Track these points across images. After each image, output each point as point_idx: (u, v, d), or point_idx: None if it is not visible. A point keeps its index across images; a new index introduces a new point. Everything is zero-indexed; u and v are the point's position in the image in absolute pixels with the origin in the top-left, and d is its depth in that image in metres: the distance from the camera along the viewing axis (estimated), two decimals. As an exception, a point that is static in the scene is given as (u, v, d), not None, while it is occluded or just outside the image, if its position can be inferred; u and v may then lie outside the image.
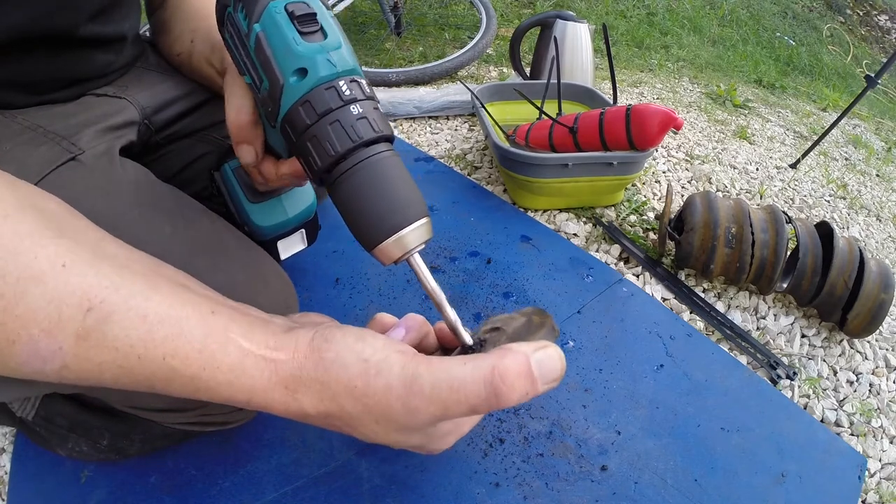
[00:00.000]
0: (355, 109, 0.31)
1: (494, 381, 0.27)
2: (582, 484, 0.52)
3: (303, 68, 0.31)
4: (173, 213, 0.45)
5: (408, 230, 0.31)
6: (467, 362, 0.28)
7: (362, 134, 0.31)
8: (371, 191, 0.31)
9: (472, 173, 1.02)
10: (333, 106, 0.31)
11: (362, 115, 0.31)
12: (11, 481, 0.52)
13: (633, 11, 2.40)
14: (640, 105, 0.78)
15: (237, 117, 0.39)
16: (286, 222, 0.53)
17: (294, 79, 0.31)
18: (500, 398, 0.27)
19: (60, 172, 0.41)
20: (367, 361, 0.28)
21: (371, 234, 0.31)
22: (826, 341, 0.73)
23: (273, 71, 0.32)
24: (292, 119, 0.32)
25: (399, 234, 0.31)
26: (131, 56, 0.55)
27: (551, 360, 0.29)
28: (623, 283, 0.76)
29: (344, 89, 0.31)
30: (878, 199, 1.20)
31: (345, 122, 0.31)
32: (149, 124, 0.54)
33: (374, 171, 0.31)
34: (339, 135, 0.30)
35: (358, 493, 0.50)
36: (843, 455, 0.58)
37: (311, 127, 0.31)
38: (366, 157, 0.31)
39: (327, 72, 0.31)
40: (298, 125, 0.31)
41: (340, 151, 0.30)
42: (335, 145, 0.30)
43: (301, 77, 0.31)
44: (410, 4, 1.95)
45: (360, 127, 0.31)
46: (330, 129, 0.30)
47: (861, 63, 2.70)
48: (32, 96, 0.46)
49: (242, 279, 0.44)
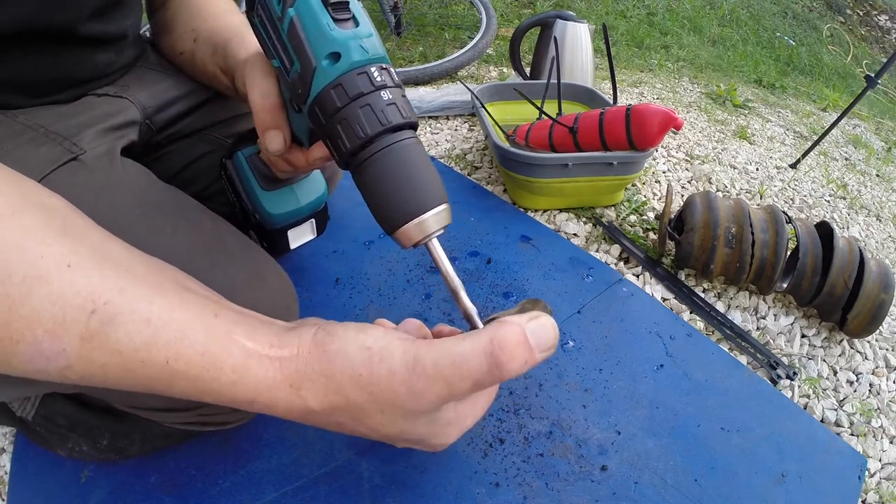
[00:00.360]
0: (385, 95, 0.32)
1: (494, 351, 0.28)
2: (582, 484, 0.52)
3: (336, 52, 0.32)
4: (174, 213, 0.45)
5: (429, 214, 0.31)
6: (465, 338, 0.29)
7: (391, 119, 0.31)
8: (396, 175, 0.31)
9: (472, 173, 1.02)
10: (365, 90, 0.31)
11: (392, 101, 0.32)
12: (11, 481, 0.52)
13: (633, 11, 2.40)
14: (640, 105, 0.78)
15: (264, 101, 0.38)
16: (298, 211, 0.53)
17: (327, 62, 0.32)
18: (502, 368, 0.28)
19: (61, 172, 0.41)
20: (370, 349, 0.29)
21: (394, 217, 0.32)
22: (826, 341, 0.73)
23: (306, 54, 0.32)
24: (323, 101, 0.32)
25: (420, 218, 0.31)
26: (132, 56, 0.55)
27: (545, 329, 0.30)
28: (623, 283, 0.76)
29: (375, 75, 0.32)
30: (878, 199, 1.20)
31: (375, 107, 0.31)
32: (150, 124, 0.54)
33: (400, 155, 0.31)
34: (368, 118, 0.31)
35: (358, 493, 0.50)
36: (843, 455, 0.58)
37: (341, 109, 0.32)
38: (393, 143, 0.32)
39: (360, 57, 0.32)
40: (329, 107, 0.32)
41: (370, 134, 0.31)
42: (365, 128, 0.31)
43: (334, 61, 0.32)
44: (410, 4, 1.95)
45: (389, 112, 0.32)
46: (360, 113, 0.31)
47: (861, 63, 2.70)
48: (33, 98, 0.46)
49: (243, 279, 0.44)
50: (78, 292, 0.26)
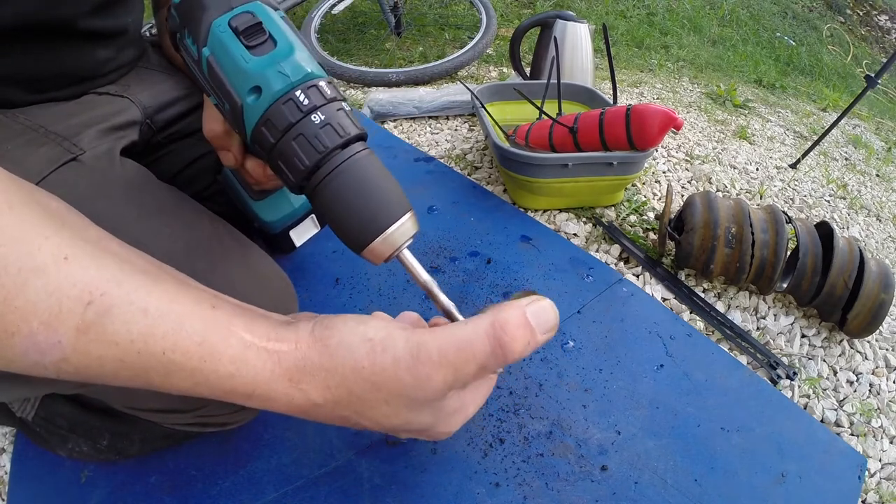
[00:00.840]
0: (316, 118, 0.30)
1: (497, 333, 0.28)
2: (582, 484, 0.52)
3: (257, 86, 0.30)
4: (173, 214, 0.45)
5: (393, 228, 0.31)
6: (468, 323, 0.29)
7: (327, 143, 0.30)
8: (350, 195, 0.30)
9: (472, 173, 1.02)
10: (293, 120, 0.30)
11: (325, 123, 0.30)
12: (11, 481, 0.52)
13: (633, 11, 2.40)
14: (640, 105, 0.78)
15: (210, 127, 0.39)
16: (293, 213, 0.53)
17: (251, 98, 0.31)
18: (506, 349, 0.28)
19: (61, 173, 0.41)
20: (372, 340, 0.28)
21: (357, 238, 0.31)
22: (826, 341, 0.73)
23: (230, 94, 0.31)
24: (258, 139, 0.31)
25: (385, 234, 0.31)
26: (133, 55, 0.55)
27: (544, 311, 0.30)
28: (623, 283, 0.76)
29: (301, 99, 0.30)
30: (878, 199, 1.20)
31: (308, 135, 0.30)
32: (150, 124, 0.54)
33: (350, 175, 0.30)
34: (304, 148, 0.30)
35: (358, 493, 0.50)
36: (843, 455, 0.58)
37: (276, 145, 0.31)
38: (339, 164, 0.30)
39: (281, 85, 0.30)
40: (265, 144, 0.31)
41: (309, 165, 0.30)
42: (303, 159, 0.30)
43: (257, 96, 0.31)
44: (410, 4, 1.95)
45: (323, 136, 0.30)
46: (295, 145, 0.30)
47: (861, 63, 2.70)
48: (35, 94, 0.46)
49: (242, 279, 0.44)
50: (74, 284, 0.25)
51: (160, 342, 0.26)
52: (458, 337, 0.28)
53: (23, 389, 0.43)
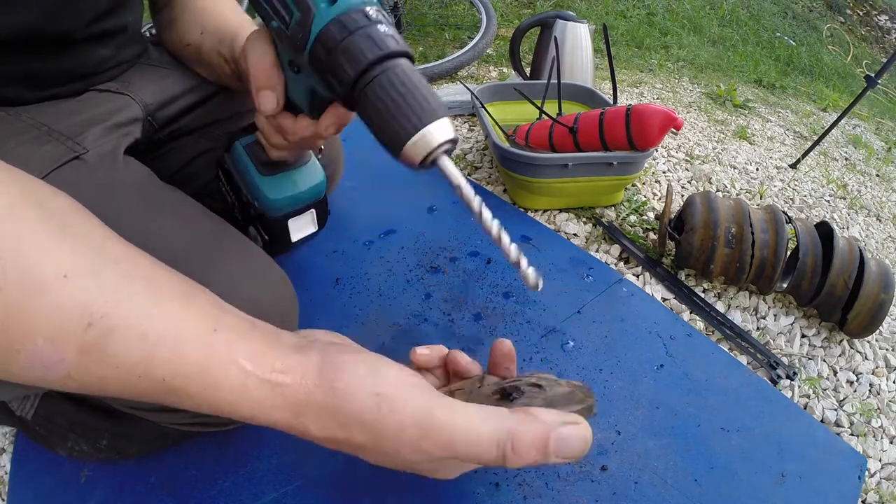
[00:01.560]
0: (382, 28, 0.34)
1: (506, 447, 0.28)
2: (582, 484, 0.52)
3: None
4: (175, 213, 0.45)
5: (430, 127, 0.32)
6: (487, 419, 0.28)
7: (390, 45, 0.33)
8: (396, 96, 0.32)
9: (472, 173, 1.02)
10: (362, 24, 0.33)
11: (388, 33, 0.34)
12: (11, 481, 0.52)
13: (633, 11, 2.40)
14: (640, 105, 0.78)
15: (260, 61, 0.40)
16: (297, 196, 0.53)
17: (324, 5, 0.34)
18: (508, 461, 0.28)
19: (63, 171, 0.41)
20: (380, 395, 0.28)
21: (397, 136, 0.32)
22: (826, 341, 0.73)
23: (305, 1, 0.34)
24: (324, 37, 0.34)
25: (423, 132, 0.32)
26: (133, 52, 0.55)
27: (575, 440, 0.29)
28: (623, 283, 0.76)
29: (371, 13, 0.34)
30: (878, 199, 1.20)
31: (374, 35, 0.33)
32: (152, 121, 0.54)
33: (399, 78, 0.33)
34: (368, 45, 0.33)
35: (358, 493, 0.50)
36: (843, 455, 0.58)
37: (342, 41, 0.33)
38: (391, 67, 0.33)
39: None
40: (330, 42, 0.33)
41: (370, 59, 0.32)
42: (365, 53, 0.33)
43: (331, 3, 0.34)
44: (410, 4, 1.95)
45: (387, 40, 0.33)
46: (360, 40, 0.33)
47: (861, 63, 2.70)
48: (37, 91, 0.46)
49: (242, 277, 0.44)
50: (75, 304, 0.25)
51: (160, 368, 0.26)
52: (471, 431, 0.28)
53: (23, 388, 0.43)
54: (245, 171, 0.52)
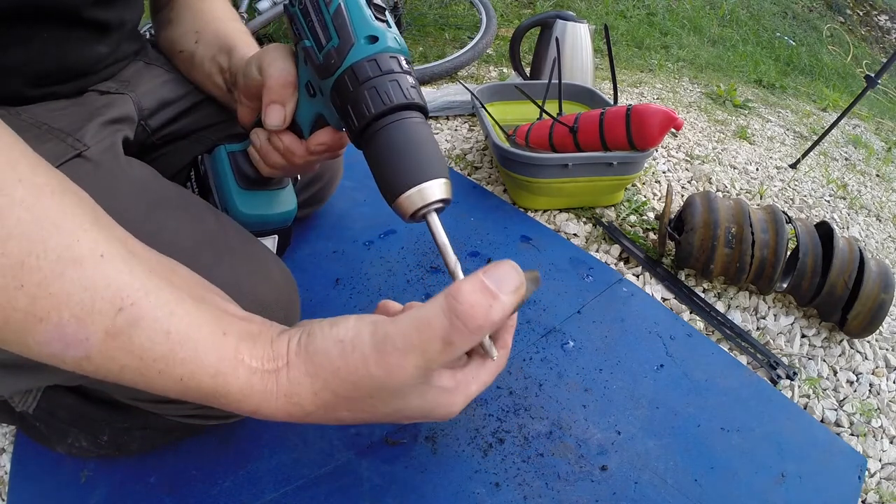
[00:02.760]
0: (410, 79, 0.36)
1: (451, 304, 0.27)
2: (582, 484, 0.52)
3: (374, 36, 0.36)
4: (179, 209, 0.45)
5: (428, 183, 0.33)
6: (426, 305, 0.28)
7: (413, 96, 0.35)
8: (404, 145, 0.34)
9: (472, 173, 1.02)
10: (395, 69, 0.35)
11: (414, 86, 0.36)
12: (11, 481, 0.52)
13: (633, 11, 2.40)
14: (640, 105, 0.78)
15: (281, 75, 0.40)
16: (268, 217, 0.54)
17: (365, 41, 0.35)
18: (464, 318, 0.27)
19: (67, 168, 0.41)
20: (343, 341, 0.29)
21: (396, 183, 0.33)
22: (826, 341, 0.73)
23: (348, 31, 0.36)
24: (356, 70, 0.35)
25: (420, 186, 0.33)
26: (131, 50, 0.55)
27: (500, 270, 0.28)
28: (623, 283, 0.76)
29: (404, 63, 0.36)
30: (878, 199, 1.20)
31: (402, 83, 0.35)
32: (145, 126, 0.54)
33: (411, 128, 0.34)
34: (395, 90, 0.34)
35: (358, 493, 0.50)
36: (843, 455, 0.58)
37: (372, 79, 0.35)
38: (408, 117, 0.34)
39: (394, 45, 0.36)
40: (361, 76, 0.35)
41: (394, 103, 0.34)
42: (391, 96, 0.34)
43: (371, 42, 0.35)
44: (410, 4, 1.95)
45: (412, 92, 0.35)
46: (389, 84, 0.35)
47: (861, 63, 2.70)
48: (37, 88, 0.46)
49: (246, 273, 0.44)
50: (108, 285, 0.26)
51: (179, 368, 0.27)
52: (417, 319, 0.28)
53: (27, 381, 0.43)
54: (223, 178, 0.52)
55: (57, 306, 0.25)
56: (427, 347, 0.28)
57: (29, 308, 0.25)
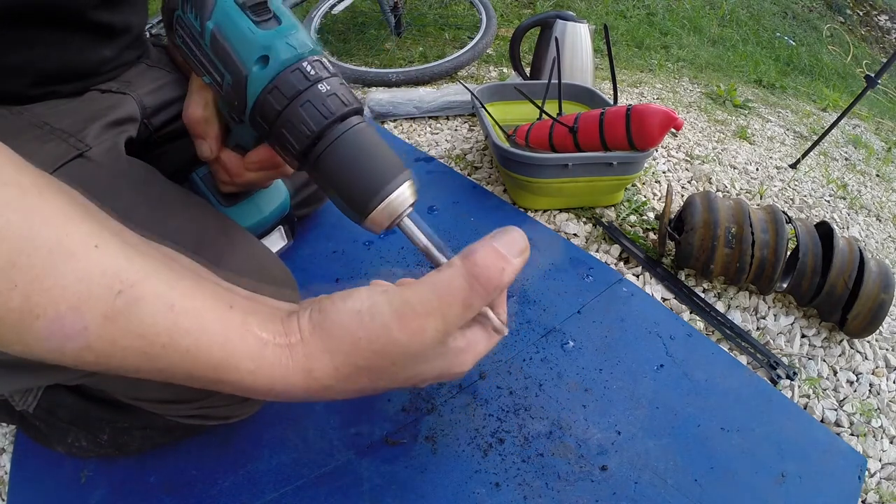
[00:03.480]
0: (323, 87, 0.31)
1: (469, 268, 0.29)
2: (582, 484, 0.52)
3: (264, 56, 0.31)
4: (180, 209, 0.45)
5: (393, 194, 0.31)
6: (443, 270, 0.30)
7: (334, 110, 0.31)
8: (351, 164, 0.31)
9: (472, 173, 1.02)
10: (301, 87, 0.31)
11: (331, 92, 0.32)
12: (11, 481, 0.52)
13: (633, 11, 2.40)
14: (640, 105, 0.78)
15: (191, 111, 0.40)
16: (263, 221, 0.53)
17: (257, 68, 0.31)
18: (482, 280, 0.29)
19: (68, 169, 0.42)
20: (360, 312, 0.29)
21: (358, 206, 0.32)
22: (826, 341, 0.73)
23: (234, 64, 0.32)
24: (262, 108, 0.32)
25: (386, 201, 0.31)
26: (136, 54, 0.56)
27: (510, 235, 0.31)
28: (623, 283, 0.76)
29: (309, 70, 0.31)
30: (878, 199, 1.20)
31: (315, 102, 0.31)
32: (147, 124, 0.54)
33: (352, 144, 0.31)
34: (311, 114, 0.31)
35: (358, 493, 0.50)
36: (843, 455, 0.58)
37: (282, 112, 0.31)
38: (342, 133, 0.31)
39: (289, 55, 0.31)
40: (269, 113, 0.31)
41: (316, 130, 0.31)
42: (309, 125, 0.31)
43: (264, 65, 0.31)
44: (410, 4, 1.95)
45: (330, 104, 0.31)
46: (302, 111, 0.31)
47: (861, 63, 2.70)
48: (40, 88, 0.46)
49: (247, 272, 0.44)
50: (104, 272, 0.26)
51: (184, 339, 0.27)
52: (436, 284, 0.29)
53: (27, 380, 0.43)
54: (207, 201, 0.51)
55: (53, 300, 0.25)
56: (447, 311, 0.29)
57: (24, 306, 0.24)
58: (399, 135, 1.17)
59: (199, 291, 0.28)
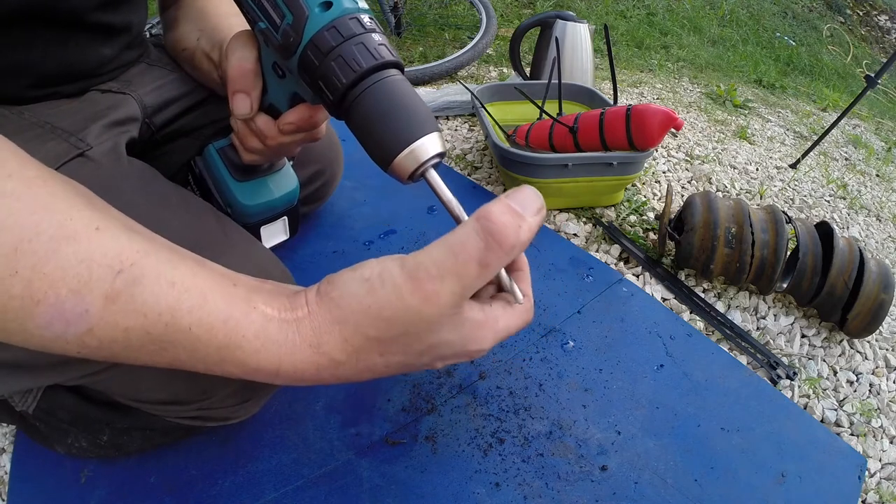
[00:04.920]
0: (376, 37, 0.34)
1: (484, 225, 0.27)
2: (582, 484, 0.52)
3: (328, 2, 0.33)
4: (179, 208, 0.45)
5: (420, 141, 0.32)
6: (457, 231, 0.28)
7: (384, 55, 0.33)
8: (388, 108, 0.32)
9: (472, 173, 1.02)
10: (357, 31, 0.33)
11: (382, 43, 0.34)
12: (11, 481, 0.52)
13: (633, 11, 2.40)
14: (640, 105, 0.78)
15: (240, 64, 0.39)
16: (272, 202, 0.53)
17: (319, 9, 0.33)
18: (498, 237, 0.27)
19: (68, 168, 0.42)
20: (370, 279, 0.28)
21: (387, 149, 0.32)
22: (826, 341, 0.73)
23: (299, 3, 0.33)
24: (318, 42, 0.33)
25: (413, 146, 0.32)
26: (135, 54, 0.56)
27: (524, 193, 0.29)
28: (623, 283, 0.76)
29: (366, 21, 0.34)
30: (878, 199, 1.20)
31: (369, 44, 0.33)
32: (150, 124, 0.54)
33: (392, 89, 0.32)
34: (363, 54, 0.32)
35: (358, 493, 0.50)
36: (843, 455, 0.58)
37: (336, 47, 0.33)
38: (384, 77, 0.33)
39: (350, 5, 0.33)
40: (324, 47, 0.33)
41: (365, 67, 0.32)
42: (360, 62, 0.32)
43: (325, 8, 0.33)
44: (410, 4, 1.95)
45: (381, 50, 0.33)
46: (355, 49, 0.33)
47: (861, 63, 2.70)
48: (40, 88, 0.46)
49: (246, 273, 0.44)
50: (105, 253, 0.26)
51: (187, 317, 0.27)
52: (450, 243, 0.28)
53: (27, 380, 0.43)
54: (219, 175, 0.51)
55: (53, 284, 0.25)
56: (463, 271, 0.27)
57: (25, 292, 0.24)
58: (399, 135, 1.17)
59: (201, 270, 0.28)
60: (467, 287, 0.28)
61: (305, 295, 0.30)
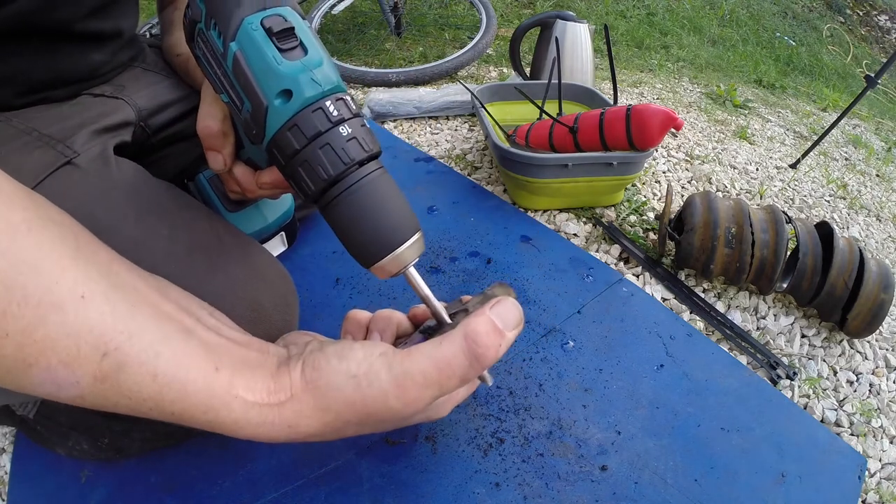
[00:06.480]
0: (344, 130, 0.30)
1: (470, 347, 0.30)
2: (582, 484, 0.52)
3: (287, 90, 0.30)
4: (171, 214, 0.45)
5: (403, 248, 0.32)
6: (441, 342, 0.31)
7: (353, 156, 0.30)
8: (366, 212, 0.31)
9: (472, 173, 1.02)
10: (322, 129, 0.30)
11: (351, 136, 0.31)
12: (11, 481, 0.52)
13: (633, 11, 2.40)
14: (640, 105, 0.78)
15: (206, 124, 0.39)
16: (266, 228, 0.53)
17: (279, 101, 0.30)
18: (481, 359, 0.31)
19: (56, 177, 0.41)
20: (357, 377, 0.30)
21: (368, 254, 0.32)
22: (826, 341, 0.73)
23: (255, 93, 0.30)
24: (280, 143, 0.31)
25: (395, 253, 0.32)
26: (128, 56, 0.55)
27: (507, 309, 0.32)
28: (623, 283, 0.76)
29: (331, 110, 0.30)
30: (878, 199, 1.20)
31: (335, 145, 0.30)
32: (145, 127, 0.54)
33: (368, 192, 0.31)
34: (330, 158, 0.30)
35: (358, 493, 0.50)
36: (843, 455, 0.58)
37: (300, 151, 0.30)
38: (358, 180, 0.31)
39: (313, 92, 0.30)
40: (287, 149, 0.31)
41: (333, 175, 0.30)
42: (327, 169, 0.30)
43: (286, 99, 0.30)
44: (410, 4, 1.95)
45: (350, 149, 0.30)
46: (321, 153, 0.30)
47: (861, 63, 2.70)
48: (29, 95, 0.46)
49: (242, 278, 0.44)
50: (91, 329, 0.26)
51: (169, 407, 0.28)
52: (437, 359, 0.30)
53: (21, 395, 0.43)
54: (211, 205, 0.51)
55: (44, 352, 0.25)
56: (446, 384, 0.30)
57: (17, 354, 0.25)
58: (399, 135, 1.17)
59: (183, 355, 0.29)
60: (445, 393, 0.31)
61: (290, 376, 0.31)
